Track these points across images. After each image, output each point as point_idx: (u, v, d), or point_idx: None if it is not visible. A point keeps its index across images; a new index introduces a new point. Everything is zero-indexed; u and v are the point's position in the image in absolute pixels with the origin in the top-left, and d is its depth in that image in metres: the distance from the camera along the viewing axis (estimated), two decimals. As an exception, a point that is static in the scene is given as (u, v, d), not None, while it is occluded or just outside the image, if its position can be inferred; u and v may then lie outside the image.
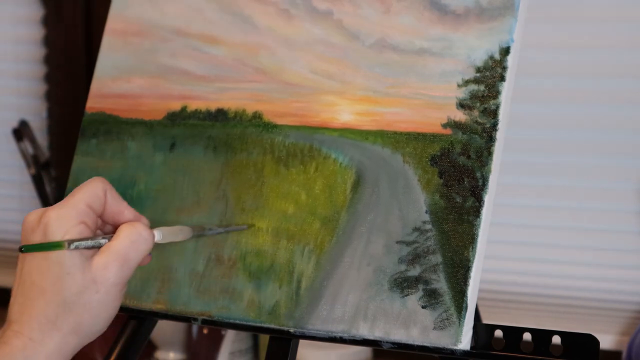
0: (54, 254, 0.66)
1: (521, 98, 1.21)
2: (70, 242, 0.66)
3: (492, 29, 0.75)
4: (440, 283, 0.72)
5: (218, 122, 0.85)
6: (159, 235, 0.72)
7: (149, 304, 0.82)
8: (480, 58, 0.75)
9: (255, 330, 0.78)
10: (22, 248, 0.66)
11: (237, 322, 0.78)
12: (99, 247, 0.68)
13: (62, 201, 0.68)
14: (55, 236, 0.66)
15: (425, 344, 0.71)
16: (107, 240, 0.68)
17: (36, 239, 0.67)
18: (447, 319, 0.71)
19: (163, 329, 1.40)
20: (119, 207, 0.70)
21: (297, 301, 0.76)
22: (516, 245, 1.35)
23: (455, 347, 0.70)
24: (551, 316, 1.34)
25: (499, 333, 0.71)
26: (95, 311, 0.67)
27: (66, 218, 0.67)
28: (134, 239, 0.68)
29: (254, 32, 0.85)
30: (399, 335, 0.72)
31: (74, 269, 0.66)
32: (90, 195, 0.68)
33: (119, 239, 0.68)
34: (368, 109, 0.79)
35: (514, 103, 0.75)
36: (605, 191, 1.30)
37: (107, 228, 0.72)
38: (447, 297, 0.71)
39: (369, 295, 0.74)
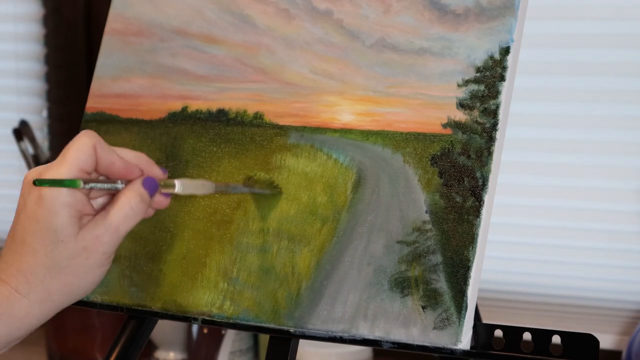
0: (47, 222, 0.66)
1: (521, 98, 1.21)
2: (86, 181, 0.65)
3: (492, 28, 0.75)
4: (440, 283, 0.72)
5: (219, 123, 0.85)
6: (179, 186, 0.71)
7: (149, 303, 0.82)
8: (480, 58, 0.75)
9: (255, 330, 0.78)
10: (35, 181, 0.65)
11: (237, 322, 0.78)
12: (114, 190, 0.68)
13: (56, 162, 0.67)
14: (53, 198, 0.66)
15: (425, 344, 0.71)
16: (123, 185, 0.68)
17: (32, 199, 0.66)
18: (447, 318, 0.71)
19: (163, 329, 1.40)
20: (111, 159, 0.69)
21: (297, 301, 0.76)
22: (516, 245, 1.35)
23: (455, 347, 0.70)
24: (551, 316, 1.34)
25: (499, 333, 0.71)
26: (84, 275, 0.68)
27: None
28: (127, 213, 0.68)
29: (254, 32, 0.85)
30: (399, 335, 0.72)
31: (68, 237, 0.67)
32: (80, 156, 0.67)
33: (113, 212, 0.68)
34: (368, 109, 0.79)
35: (514, 103, 0.75)
36: (605, 191, 1.30)
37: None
38: (447, 297, 0.71)
39: (369, 295, 0.74)
